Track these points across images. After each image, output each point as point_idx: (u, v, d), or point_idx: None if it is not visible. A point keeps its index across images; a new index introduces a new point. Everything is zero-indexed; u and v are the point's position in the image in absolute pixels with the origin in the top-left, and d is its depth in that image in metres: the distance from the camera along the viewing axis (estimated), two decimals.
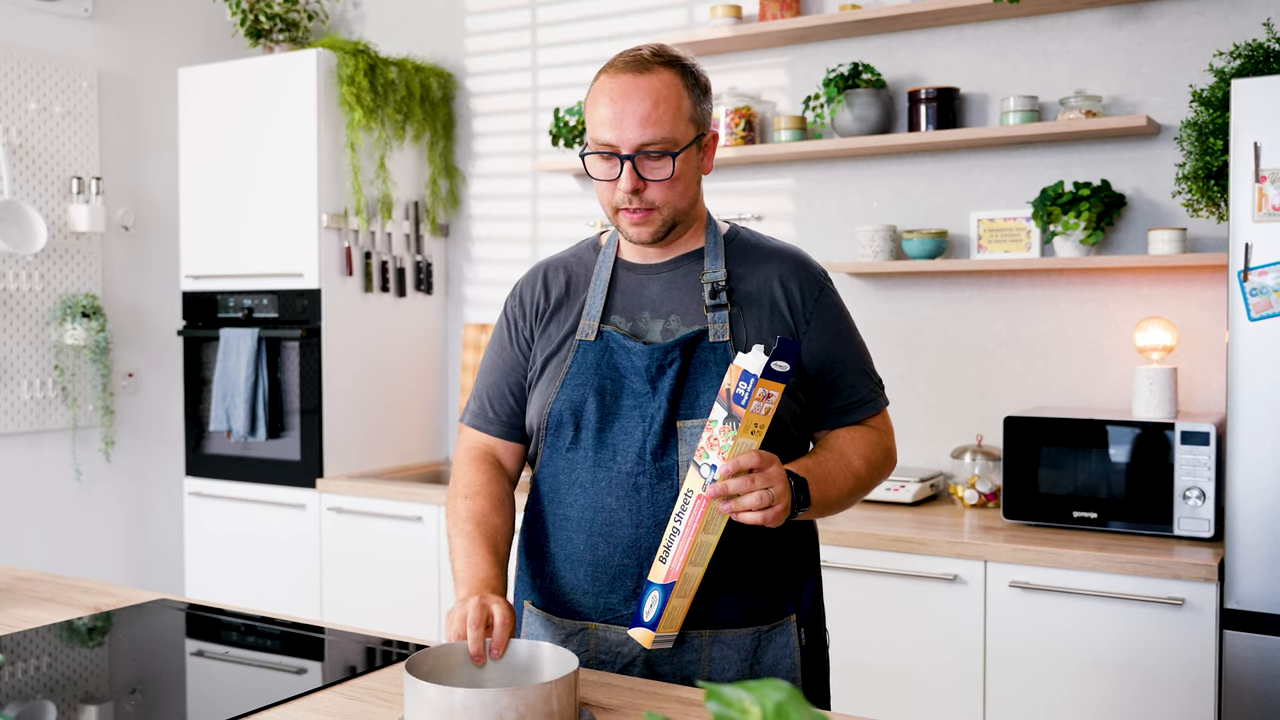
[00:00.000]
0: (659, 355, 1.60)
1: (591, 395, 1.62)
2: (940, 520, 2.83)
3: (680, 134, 1.58)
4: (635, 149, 1.56)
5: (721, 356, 1.60)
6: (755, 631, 1.62)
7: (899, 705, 2.67)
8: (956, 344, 3.20)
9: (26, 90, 3.68)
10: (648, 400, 1.60)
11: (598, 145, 1.59)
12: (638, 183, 1.57)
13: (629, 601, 1.60)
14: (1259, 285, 2.30)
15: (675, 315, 1.64)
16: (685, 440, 1.58)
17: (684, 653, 1.61)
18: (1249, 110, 2.31)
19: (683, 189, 1.61)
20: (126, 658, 1.79)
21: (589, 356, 1.64)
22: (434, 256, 4.05)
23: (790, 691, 0.70)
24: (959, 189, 3.20)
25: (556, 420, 1.64)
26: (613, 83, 1.58)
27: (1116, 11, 2.99)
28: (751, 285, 1.66)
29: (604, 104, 1.58)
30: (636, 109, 1.56)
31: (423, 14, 4.13)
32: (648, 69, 1.58)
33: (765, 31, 3.28)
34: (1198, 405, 2.90)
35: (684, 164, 1.60)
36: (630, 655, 1.61)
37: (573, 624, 1.65)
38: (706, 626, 1.60)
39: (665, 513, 1.57)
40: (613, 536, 1.61)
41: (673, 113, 1.57)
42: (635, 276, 1.69)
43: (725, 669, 1.61)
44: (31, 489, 3.73)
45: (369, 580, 3.54)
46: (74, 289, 3.80)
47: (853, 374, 1.68)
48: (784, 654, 1.64)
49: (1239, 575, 2.32)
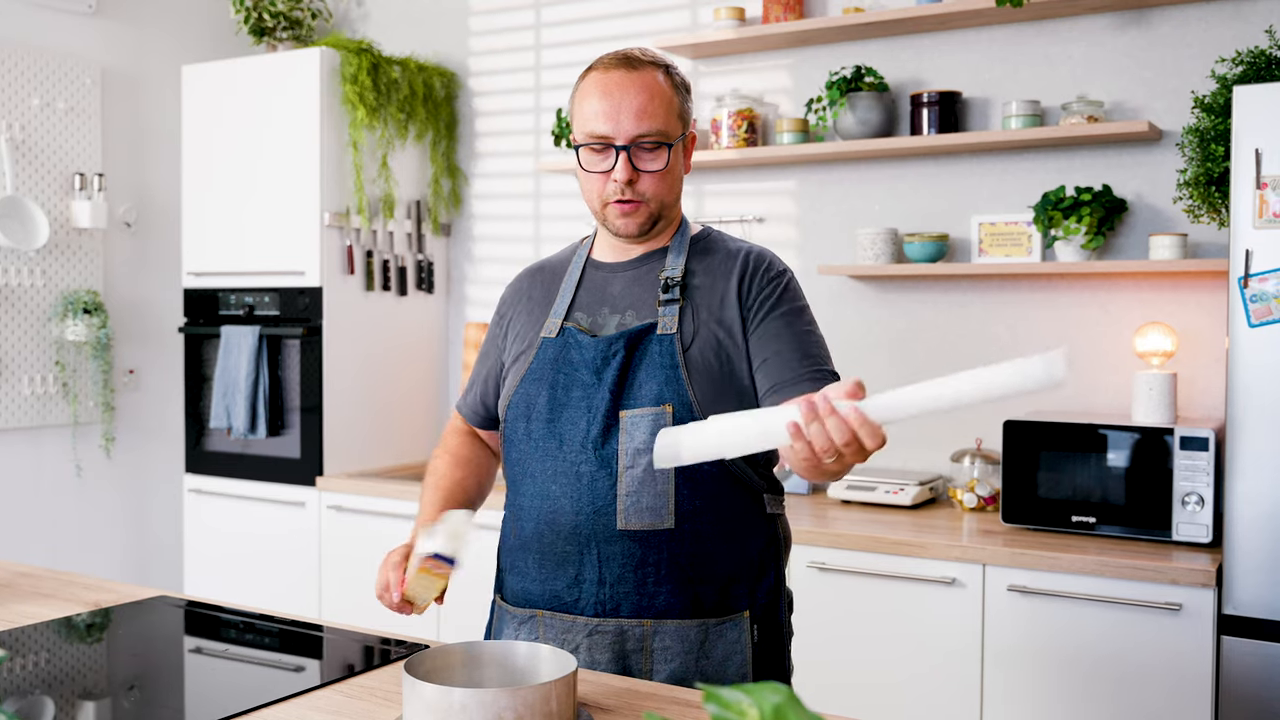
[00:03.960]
0: (603, 347, 1.64)
1: (545, 389, 1.67)
2: (939, 524, 2.83)
3: (672, 128, 1.65)
4: (631, 140, 1.62)
5: (666, 348, 1.63)
6: (701, 624, 1.62)
7: (896, 707, 2.67)
8: (957, 347, 3.21)
9: (30, 86, 3.68)
10: (593, 391, 1.64)
11: (591, 138, 1.63)
12: (632, 173, 1.62)
13: (571, 588, 1.64)
14: (1259, 291, 2.30)
15: (632, 311, 1.69)
16: (626, 430, 1.61)
17: (625, 642, 1.62)
18: (1251, 117, 2.31)
19: (671, 182, 1.67)
20: (125, 654, 1.79)
21: (549, 352, 1.70)
22: (435, 256, 4.06)
23: (788, 694, 0.70)
24: (960, 193, 3.20)
25: (513, 413, 1.71)
26: (605, 77, 1.64)
27: (1119, 17, 3.00)
28: (706, 279, 1.69)
29: (597, 98, 1.63)
30: (632, 101, 1.61)
31: (426, 13, 4.14)
32: (638, 66, 1.64)
33: (768, 34, 3.29)
34: (1197, 411, 2.91)
35: (676, 156, 1.66)
36: (575, 643, 1.63)
37: (525, 612, 1.68)
38: (648, 616, 1.62)
39: (604, 500, 1.61)
40: (556, 524, 1.64)
41: (665, 106, 1.63)
42: (601, 274, 1.74)
43: (669, 661, 1.61)
44: (32, 485, 3.74)
45: (368, 579, 3.53)
46: (75, 285, 3.80)
47: (799, 352, 1.62)
48: (734, 650, 1.64)
49: (1237, 581, 2.32)
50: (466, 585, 3.23)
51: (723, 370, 1.63)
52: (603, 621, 1.62)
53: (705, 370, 1.62)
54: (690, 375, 1.61)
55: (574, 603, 1.64)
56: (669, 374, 1.61)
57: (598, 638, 1.62)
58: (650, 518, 1.60)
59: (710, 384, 1.62)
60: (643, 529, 1.60)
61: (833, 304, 3.34)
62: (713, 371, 1.63)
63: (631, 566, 1.61)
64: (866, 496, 3.04)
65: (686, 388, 1.61)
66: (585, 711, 1.40)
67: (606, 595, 1.62)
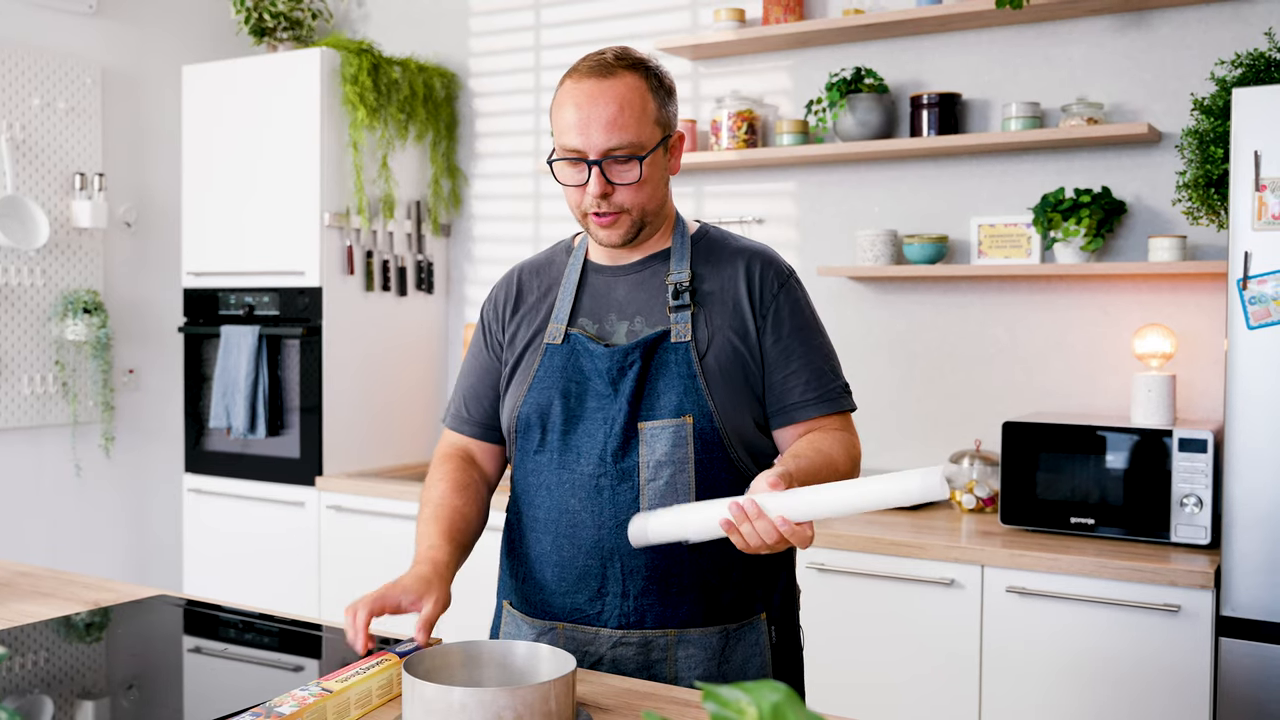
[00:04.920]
0: (619, 357, 1.61)
1: (557, 398, 1.64)
2: (938, 525, 2.83)
3: (646, 137, 1.59)
4: (602, 154, 1.57)
5: (683, 357, 1.61)
6: (723, 630, 1.63)
7: (895, 708, 2.67)
8: (956, 349, 3.21)
9: (30, 86, 3.68)
10: (609, 402, 1.61)
11: (565, 151, 1.60)
12: (605, 187, 1.59)
13: (594, 601, 1.63)
14: (1258, 294, 2.30)
15: (640, 317, 1.66)
16: (646, 441, 1.59)
17: (650, 652, 1.61)
18: (1250, 119, 2.31)
19: (650, 191, 1.62)
20: (124, 653, 1.79)
21: (555, 360, 1.66)
22: (435, 256, 4.06)
23: (786, 692, 0.70)
24: (960, 194, 3.21)
25: (524, 423, 1.67)
26: (577, 88, 1.59)
27: (1119, 19, 3.00)
28: (715, 284, 1.67)
29: (569, 109, 1.59)
30: (602, 114, 1.56)
31: (427, 14, 4.14)
32: (611, 73, 1.58)
33: (768, 35, 3.29)
34: (1196, 412, 2.91)
35: (651, 167, 1.61)
36: (597, 655, 1.63)
37: (543, 624, 1.67)
38: (672, 626, 1.61)
39: (626, 514, 1.58)
40: (576, 538, 1.63)
41: (637, 116, 1.58)
42: (603, 279, 1.71)
43: (692, 668, 1.61)
44: (32, 484, 3.74)
45: (367, 578, 3.53)
46: (75, 285, 3.80)
47: (808, 371, 1.65)
48: (754, 652, 1.65)
49: (1235, 583, 2.33)
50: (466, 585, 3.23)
51: (739, 377, 1.62)
52: (627, 634, 1.61)
53: (723, 378, 1.61)
54: (709, 384, 1.60)
55: (596, 615, 1.63)
56: (688, 384, 1.60)
57: (622, 649, 1.61)
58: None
59: (728, 392, 1.61)
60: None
61: (832, 305, 3.34)
62: (730, 379, 1.61)
63: (656, 579, 1.60)
64: None
65: (706, 398, 1.59)
66: (584, 711, 1.40)
67: (631, 608, 1.61)
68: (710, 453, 1.60)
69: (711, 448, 1.60)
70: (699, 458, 1.59)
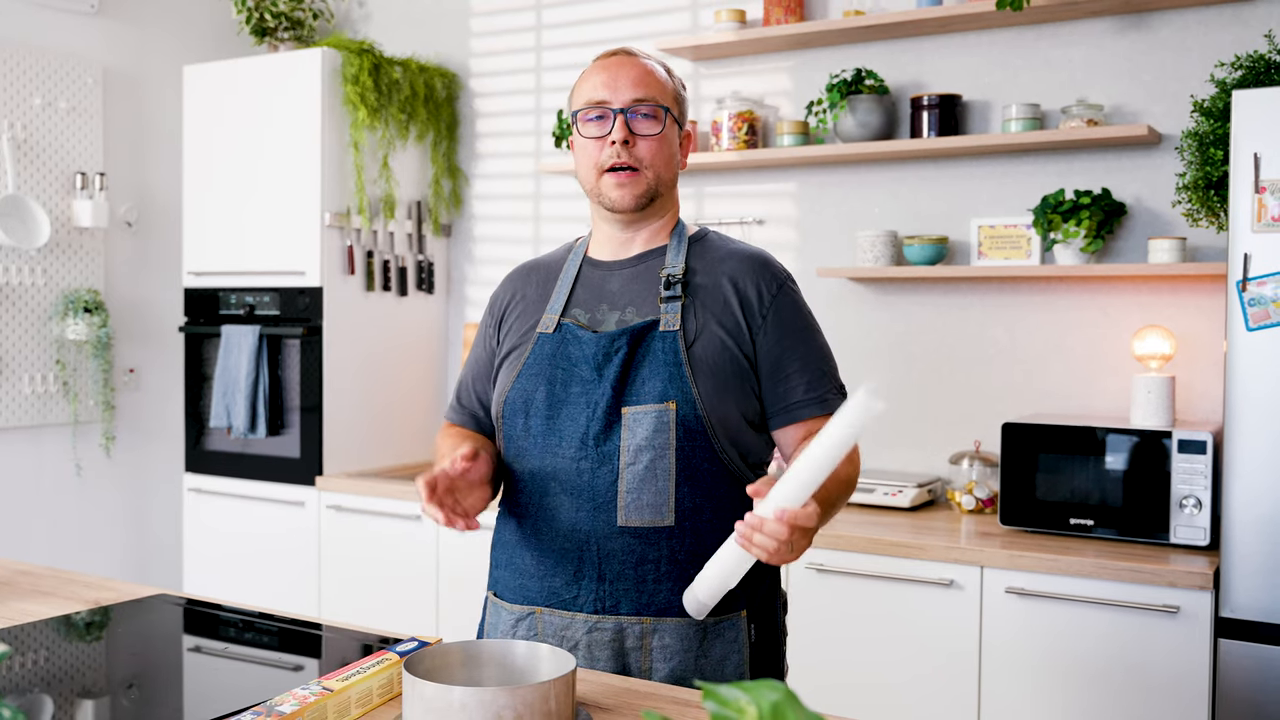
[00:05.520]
0: (605, 343, 1.65)
1: (543, 385, 1.68)
2: (937, 526, 2.84)
3: (668, 101, 1.71)
4: (628, 104, 1.68)
5: (670, 345, 1.63)
6: (700, 623, 1.63)
7: (894, 709, 2.68)
8: (956, 350, 3.21)
9: (31, 86, 3.69)
10: (594, 387, 1.64)
11: (590, 106, 1.69)
12: (628, 134, 1.67)
13: (570, 585, 1.64)
14: (1257, 295, 2.31)
15: (632, 307, 1.69)
16: (628, 426, 1.61)
17: (624, 640, 1.62)
18: (1249, 121, 2.32)
19: (668, 155, 1.71)
20: (124, 652, 1.79)
21: (546, 348, 1.70)
22: (436, 256, 4.06)
23: (786, 692, 0.70)
24: (960, 195, 3.21)
25: (511, 409, 1.70)
26: (605, 61, 1.73)
27: (1119, 21, 3.00)
28: (708, 279, 1.70)
29: (596, 74, 1.71)
30: (630, 73, 1.69)
31: (428, 14, 4.14)
32: (635, 55, 1.73)
33: (769, 36, 3.29)
34: (1195, 414, 2.91)
35: (671, 130, 1.71)
36: (573, 640, 1.64)
37: (521, 609, 1.68)
38: (647, 614, 1.62)
39: (604, 497, 1.61)
40: (555, 520, 1.65)
41: (661, 84, 1.71)
42: (599, 272, 1.75)
43: (668, 660, 1.62)
44: (32, 483, 3.74)
45: (367, 578, 3.54)
46: (76, 284, 3.80)
47: (809, 372, 1.68)
48: (732, 650, 1.65)
49: (1234, 584, 2.33)
50: (466, 584, 3.23)
51: (726, 370, 1.64)
52: (602, 619, 1.62)
53: (708, 368, 1.63)
54: (694, 372, 1.62)
55: (573, 599, 1.64)
56: (673, 371, 1.62)
57: (597, 634, 1.62)
58: (650, 515, 1.61)
59: (714, 383, 1.63)
60: (643, 526, 1.61)
61: (832, 306, 3.34)
62: (716, 370, 1.63)
63: (631, 564, 1.62)
64: (865, 498, 3.04)
65: (690, 385, 1.61)
66: (584, 710, 1.40)
67: (606, 592, 1.62)
68: (693, 440, 1.62)
69: (695, 435, 1.61)
70: (680, 444, 1.61)
